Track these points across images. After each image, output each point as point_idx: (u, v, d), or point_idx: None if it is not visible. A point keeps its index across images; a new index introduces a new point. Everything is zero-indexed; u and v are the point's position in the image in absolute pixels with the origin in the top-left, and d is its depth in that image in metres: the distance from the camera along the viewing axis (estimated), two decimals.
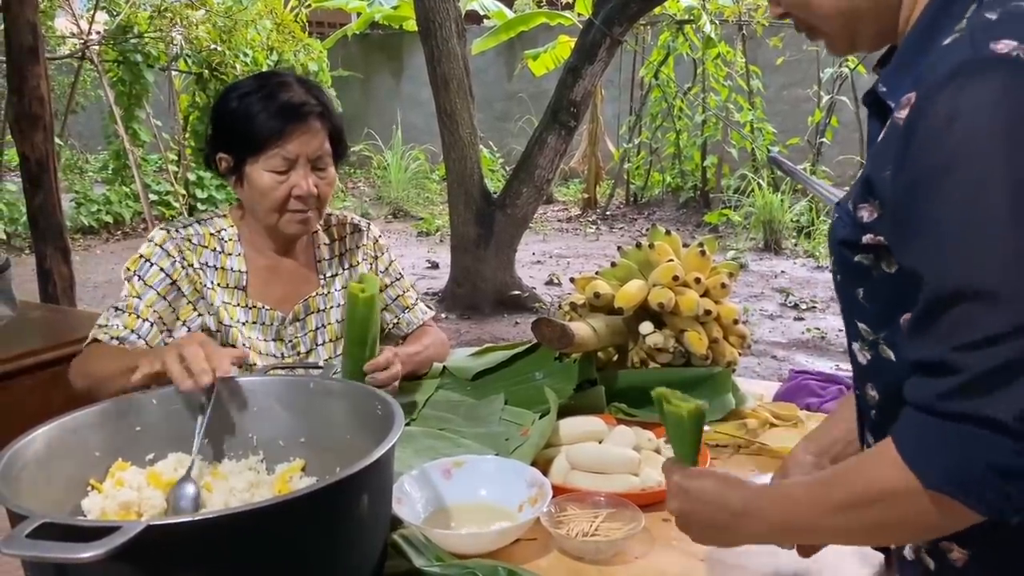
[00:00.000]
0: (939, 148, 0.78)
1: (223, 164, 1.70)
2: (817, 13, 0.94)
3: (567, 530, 1.21)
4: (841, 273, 0.95)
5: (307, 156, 1.64)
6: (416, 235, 8.90)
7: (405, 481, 1.29)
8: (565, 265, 7.46)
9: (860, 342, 0.95)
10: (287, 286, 1.77)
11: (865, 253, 0.90)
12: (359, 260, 1.87)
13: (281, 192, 1.64)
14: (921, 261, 0.81)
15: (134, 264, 1.68)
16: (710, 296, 1.72)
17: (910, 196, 0.80)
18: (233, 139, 1.67)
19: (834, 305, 6.11)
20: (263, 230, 1.74)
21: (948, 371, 0.77)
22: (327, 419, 1.29)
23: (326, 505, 0.99)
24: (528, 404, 1.60)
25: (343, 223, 1.88)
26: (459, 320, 5.84)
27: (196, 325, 1.69)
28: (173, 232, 1.69)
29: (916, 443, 0.79)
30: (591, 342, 1.57)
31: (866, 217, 0.88)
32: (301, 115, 1.63)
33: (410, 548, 1.11)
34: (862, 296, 0.92)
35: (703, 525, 1.00)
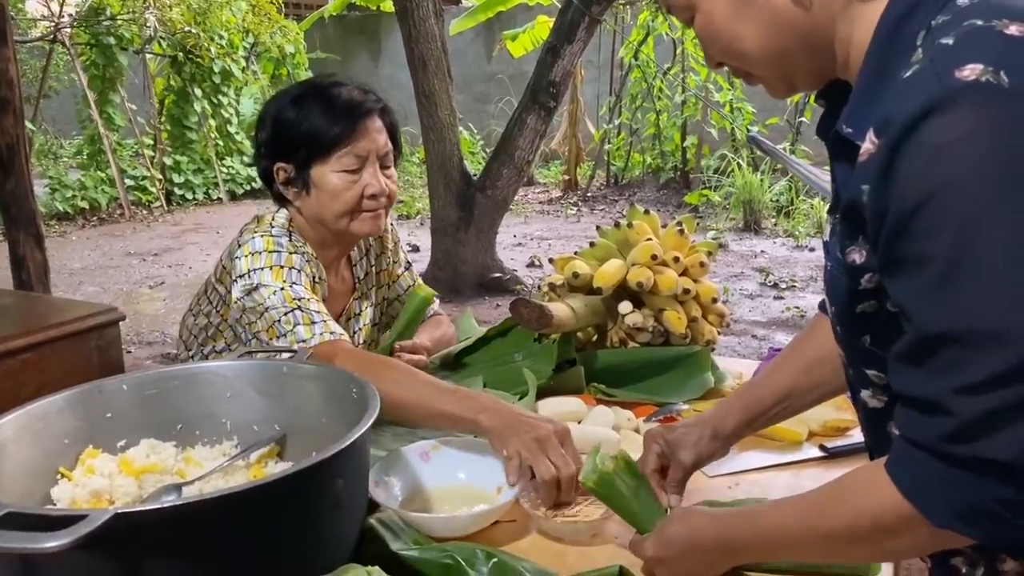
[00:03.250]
0: (920, 187, 0.75)
1: (282, 175, 1.62)
2: (749, 60, 0.92)
3: (546, 511, 1.20)
4: (843, 326, 0.93)
5: (376, 152, 1.59)
6: (396, 218, 8.86)
7: (382, 464, 1.27)
8: (546, 247, 7.45)
9: (871, 389, 0.93)
10: (336, 291, 1.73)
11: (867, 300, 0.87)
12: (379, 252, 1.84)
13: (355, 192, 1.58)
14: (910, 300, 0.79)
15: (276, 275, 1.54)
16: (689, 275, 1.71)
17: (895, 236, 0.78)
18: (295, 146, 1.59)
19: (813, 284, 6.14)
20: (326, 238, 1.66)
21: (948, 412, 0.75)
22: (302, 403, 1.27)
23: (300, 490, 0.98)
24: (507, 386, 1.59)
25: None
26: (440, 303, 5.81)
27: None
28: (275, 233, 1.59)
29: (919, 482, 0.79)
30: (570, 322, 1.56)
31: (858, 260, 0.86)
32: (365, 111, 1.58)
33: (387, 532, 1.10)
34: (870, 343, 0.90)
35: (690, 571, 1.03)
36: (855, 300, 0.89)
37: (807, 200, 7.97)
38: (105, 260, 7.39)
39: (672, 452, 1.17)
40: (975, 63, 0.74)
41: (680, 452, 1.16)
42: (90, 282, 6.65)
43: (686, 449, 1.17)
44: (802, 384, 1.19)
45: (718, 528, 0.99)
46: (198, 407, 1.29)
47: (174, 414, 1.28)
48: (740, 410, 1.20)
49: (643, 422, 1.46)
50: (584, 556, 1.15)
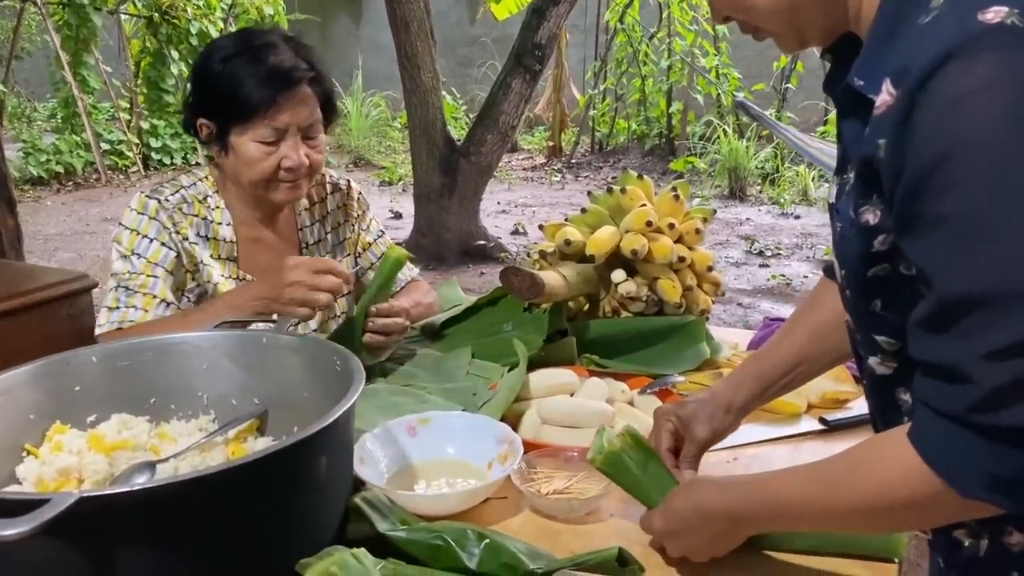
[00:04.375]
0: (941, 138, 0.71)
1: (204, 131, 1.58)
2: (758, 14, 0.87)
3: (538, 488, 1.15)
4: (852, 289, 0.88)
5: (298, 125, 1.54)
6: (378, 184, 8.75)
7: (367, 440, 1.22)
8: (531, 214, 7.38)
9: (880, 355, 0.89)
10: (271, 257, 1.67)
11: (880, 263, 0.83)
12: (340, 221, 1.77)
13: (270, 164, 1.54)
14: (930, 261, 0.75)
15: (129, 240, 1.56)
16: (683, 242, 1.66)
17: (914, 192, 0.74)
18: (217, 106, 1.55)
19: (798, 252, 6.12)
20: (248, 199, 1.64)
21: (973, 379, 0.72)
22: (282, 376, 1.21)
23: (281, 470, 0.92)
24: (496, 357, 1.53)
25: (322, 183, 1.78)
26: (424, 271, 5.72)
27: (196, 295, 1.60)
28: (163, 201, 1.57)
29: (945, 451, 0.76)
30: (562, 291, 1.50)
31: (872, 220, 0.81)
32: (292, 82, 1.52)
33: (373, 511, 1.04)
34: (880, 308, 0.86)
35: (701, 549, 1.00)
36: (868, 263, 0.84)
37: (792, 167, 7.93)
38: (81, 226, 7.25)
39: (686, 428, 1.13)
40: (999, 5, 0.70)
41: (695, 428, 1.12)
42: (66, 248, 6.53)
43: (701, 424, 1.12)
44: (813, 352, 1.15)
45: (727, 498, 0.96)
46: (173, 380, 1.23)
47: (147, 387, 1.22)
48: (752, 381, 1.15)
49: (637, 394, 1.41)
50: (579, 534, 1.11)
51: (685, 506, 0.99)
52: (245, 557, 0.92)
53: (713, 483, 1.00)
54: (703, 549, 1.00)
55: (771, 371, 1.15)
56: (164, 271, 1.55)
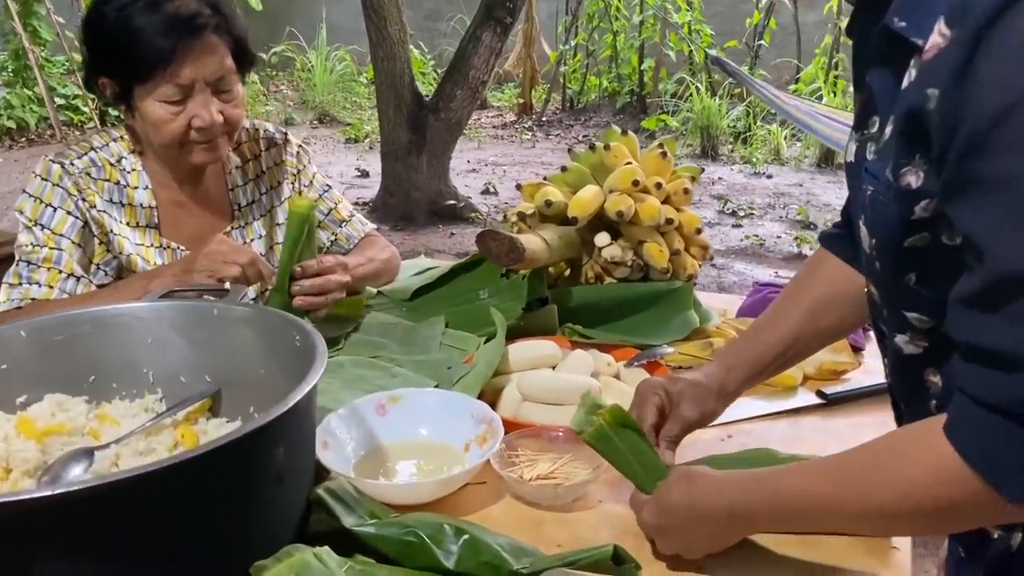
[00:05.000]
0: (1008, 89, 0.62)
1: (107, 90, 1.42)
2: None
3: (520, 473, 1.06)
4: (884, 261, 0.79)
5: (205, 80, 1.38)
6: (344, 141, 8.53)
7: (331, 421, 1.11)
8: (501, 173, 7.23)
9: (910, 333, 0.80)
10: (200, 222, 1.54)
11: (919, 232, 0.74)
12: (279, 180, 1.63)
13: (178, 125, 1.39)
14: (985, 231, 0.65)
15: (33, 209, 1.41)
16: (671, 203, 1.55)
17: (971, 151, 0.64)
18: (114, 62, 1.38)
19: (771, 212, 6.06)
20: (166, 160, 1.49)
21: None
22: (236, 351, 1.10)
23: (231, 464, 0.81)
24: (472, 327, 1.42)
25: (255, 139, 1.63)
26: (392, 231, 5.60)
27: (113, 268, 1.46)
28: (68, 166, 1.42)
29: (988, 449, 0.67)
30: (543, 256, 1.39)
31: (914, 183, 0.72)
32: (193, 30, 1.35)
33: (338, 504, 0.94)
34: (914, 282, 0.77)
35: (694, 548, 0.91)
36: (905, 232, 0.75)
37: (764, 126, 7.84)
38: None
39: (674, 406, 1.03)
40: None
41: (683, 407, 1.03)
42: None
43: (689, 404, 1.03)
44: (808, 331, 1.06)
45: (729, 496, 0.87)
46: (114, 355, 1.11)
47: (85, 364, 1.10)
48: (746, 363, 1.07)
49: (624, 367, 1.31)
50: (566, 523, 1.01)
51: (680, 502, 0.90)
52: (190, 562, 0.81)
53: (711, 479, 0.90)
54: (697, 547, 0.91)
55: (765, 352, 1.07)
56: (70, 243, 1.41)
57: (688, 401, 1.03)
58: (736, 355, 1.08)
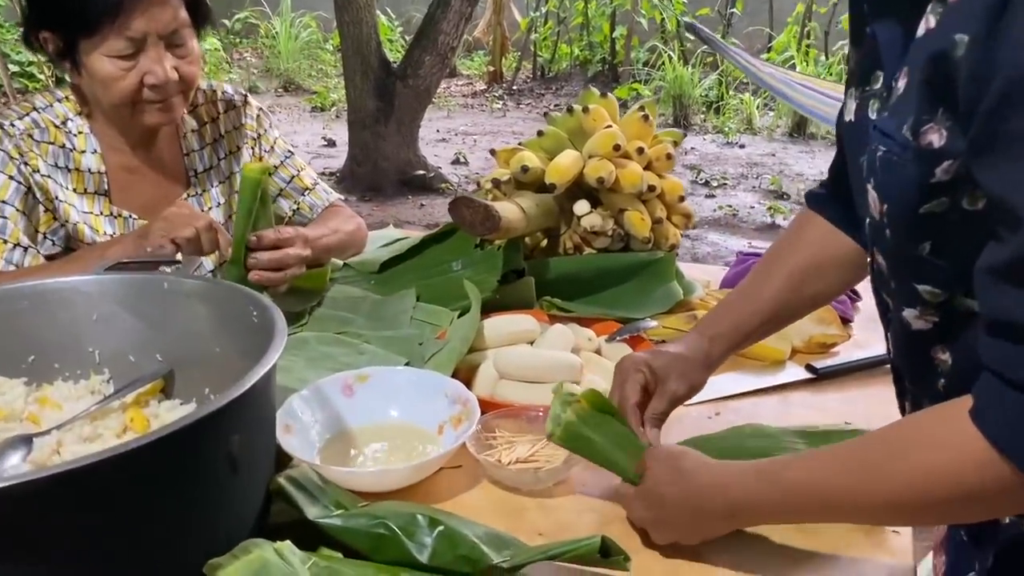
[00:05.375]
0: None
1: (50, 46, 1.31)
2: None
3: (498, 456, 0.99)
4: (896, 228, 0.72)
5: (158, 33, 1.28)
6: (310, 110, 8.34)
7: (294, 403, 1.03)
8: (471, 143, 7.12)
9: (920, 307, 0.74)
10: (153, 189, 1.44)
11: (938, 197, 0.67)
12: (239, 144, 1.53)
13: (130, 82, 1.29)
14: (1018, 191, 0.59)
15: None
16: (652, 169, 1.48)
17: (1005, 104, 0.58)
18: (57, 13, 1.28)
19: (744, 182, 6.02)
20: (116, 122, 1.39)
21: None
22: (189, 327, 1.01)
23: (181, 453, 0.73)
24: (444, 300, 1.34)
25: (213, 100, 1.53)
26: (359, 202, 5.48)
27: (60, 237, 1.36)
28: (8, 127, 1.32)
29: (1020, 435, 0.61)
30: (519, 225, 1.32)
31: (936, 142, 0.65)
32: None
33: (301, 494, 0.86)
34: (928, 251, 0.70)
35: (691, 536, 0.86)
36: (922, 196, 0.68)
37: (737, 95, 7.80)
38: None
39: (660, 382, 0.96)
40: None
41: (669, 382, 0.96)
42: None
43: (675, 378, 0.96)
44: (792, 299, 1.01)
45: (728, 492, 0.81)
46: (56, 333, 1.02)
47: (23, 342, 1.01)
48: (728, 332, 1.01)
49: (605, 342, 1.25)
50: (547, 510, 0.95)
51: (674, 494, 0.83)
52: (138, 561, 0.74)
53: (708, 471, 0.83)
54: (694, 536, 0.85)
55: (748, 320, 1.01)
56: (14, 210, 1.31)
57: (675, 375, 0.97)
58: (718, 323, 1.02)
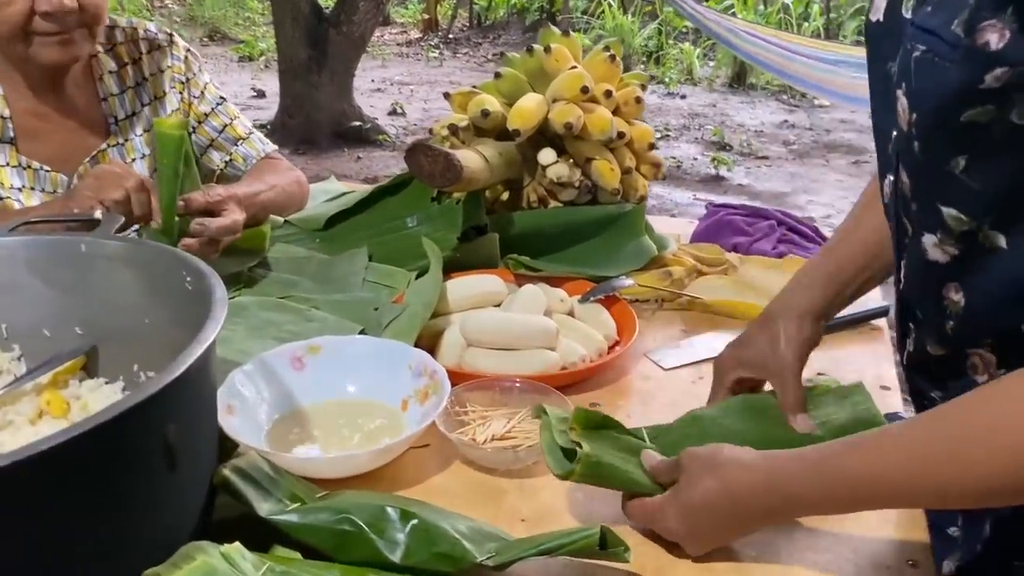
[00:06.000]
0: None
1: None
2: None
3: (472, 434, 0.89)
4: (927, 140, 0.64)
5: None
6: (237, 60, 8.00)
7: (237, 379, 0.91)
8: (408, 93, 6.90)
9: (940, 234, 0.66)
10: (67, 138, 1.28)
11: (983, 104, 0.59)
12: (165, 89, 1.37)
13: (17, 10, 1.13)
14: None
15: None
16: (621, 115, 1.37)
17: None
18: None
19: (687, 133, 5.96)
20: (12, 58, 1.22)
21: None
22: (112, 296, 0.88)
23: (107, 452, 0.61)
24: (400, 260, 1.23)
25: (135, 39, 1.36)
26: (293, 155, 5.26)
27: None
28: None
29: None
30: (483, 176, 1.20)
31: (994, 42, 0.57)
32: None
33: (250, 487, 0.75)
34: (963, 168, 0.62)
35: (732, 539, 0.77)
36: (964, 103, 0.60)
37: (677, 45, 7.72)
38: None
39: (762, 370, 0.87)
40: None
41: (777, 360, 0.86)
42: None
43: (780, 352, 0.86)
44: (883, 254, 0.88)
45: (778, 488, 0.70)
46: None
47: None
48: (824, 281, 0.89)
49: (578, 302, 1.15)
50: (529, 493, 0.85)
51: (715, 503, 0.72)
52: (67, 571, 0.62)
53: (750, 469, 0.72)
54: (730, 538, 0.77)
55: (839, 272, 0.89)
56: None
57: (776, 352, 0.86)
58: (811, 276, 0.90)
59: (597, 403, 1.00)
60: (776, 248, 1.38)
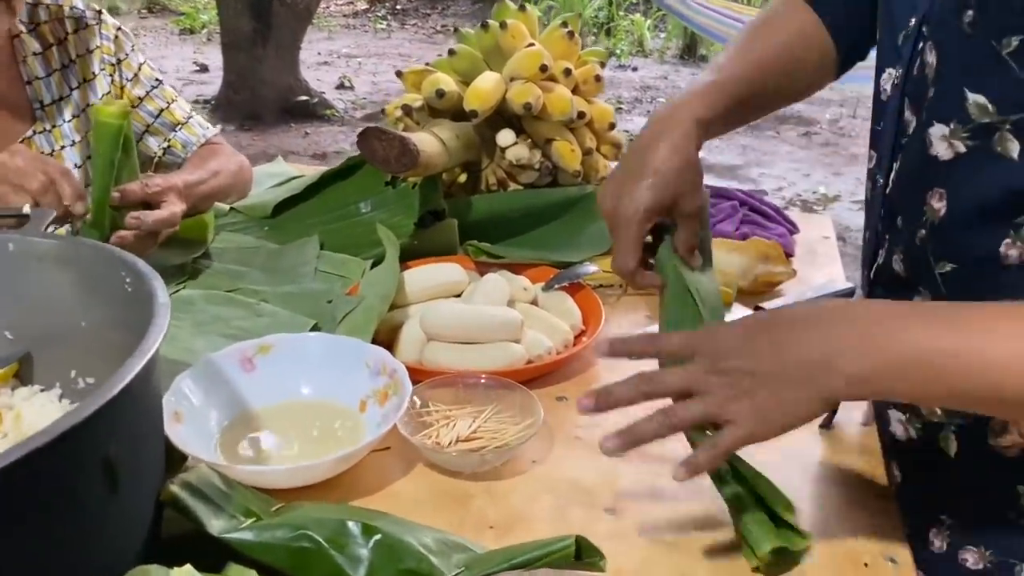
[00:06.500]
0: None
1: None
2: None
3: (436, 437, 0.84)
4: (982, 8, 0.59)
5: None
6: (178, 33, 7.75)
7: (183, 384, 0.85)
8: (356, 66, 6.76)
9: (955, 124, 0.62)
10: None
11: None
12: (94, 71, 1.29)
13: None
14: None
15: None
16: (580, 93, 1.33)
17: None
18: None
19: (640, 106, 5.93)
20: None
21: None
22: (45, 298, 0.82)
23: (39, 480, 0.56)
24: (353, 248, 1.18)
25: (60, 18, 1.27)
26: (238, 132, 5.12)
27: None
28: None
29: None
30: (440, 160, 1.15)
31: None
32: None
33: (200, 503, 0.70)
34: (1013, 49, 0.57)
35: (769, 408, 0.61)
36: None
37: (628, 16, 7.67)
38: None
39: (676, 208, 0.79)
40: None
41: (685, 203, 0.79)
42: None
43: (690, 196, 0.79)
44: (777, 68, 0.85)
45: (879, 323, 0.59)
46: None
47: None
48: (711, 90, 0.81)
49: (542, 291, 1.11)
50: (497, 497, 0.82)
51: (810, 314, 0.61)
52: None
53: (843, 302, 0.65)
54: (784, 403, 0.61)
55: (729, 81, 0.81)
56: None
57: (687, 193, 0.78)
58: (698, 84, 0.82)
59: (564, 396, 0.97)
60: (739, 229, 1.35)
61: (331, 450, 0.81)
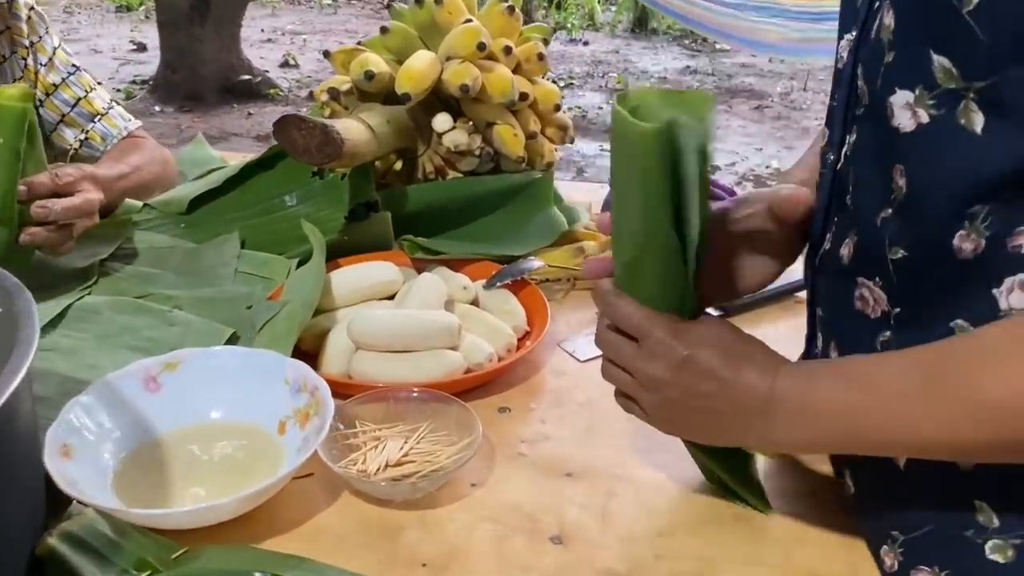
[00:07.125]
0: None
1: None
2: None
3: (363, 463, 0.76)
4: None
5: None
6: (114, 11, 7.47)
7: (75, 412, 0.75)
8: (301, 43, 6.57)
9: (919, 90, 0.56)
10: None
11: None
12: (4, 54, 1.17)
13: None
14: None
15: None
16: (522, 73, 1.24)
17: None
18: None
19: (591, 81, 5.85)
20: None
21: None
22: None
23: None
24: (277, 246, 1.08)
25: None
26: (178, 113, 4.94)
27: None
28: None
29: None
30: (368, 149, 1.05)
31: None
32: None
33: (85, 556, 0.61)
34: (972, 9, 0.51)
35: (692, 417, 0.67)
36: None
37: None
38: None
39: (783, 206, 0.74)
40: None
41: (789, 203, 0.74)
42: None
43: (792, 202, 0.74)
44: None
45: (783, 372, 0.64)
46: None
47: None
48: None
49: (483, 289, 1.03)
50: (430, 529, 0.73)
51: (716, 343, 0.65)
52: None
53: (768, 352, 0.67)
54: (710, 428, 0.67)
55: None
56: None
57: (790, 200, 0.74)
58: None
59: (507, 407, 0.89)
60: None
61: (245, 481, 0.72)
